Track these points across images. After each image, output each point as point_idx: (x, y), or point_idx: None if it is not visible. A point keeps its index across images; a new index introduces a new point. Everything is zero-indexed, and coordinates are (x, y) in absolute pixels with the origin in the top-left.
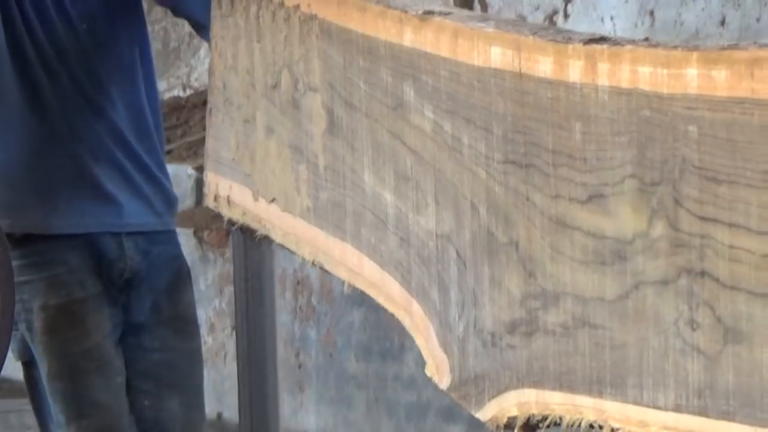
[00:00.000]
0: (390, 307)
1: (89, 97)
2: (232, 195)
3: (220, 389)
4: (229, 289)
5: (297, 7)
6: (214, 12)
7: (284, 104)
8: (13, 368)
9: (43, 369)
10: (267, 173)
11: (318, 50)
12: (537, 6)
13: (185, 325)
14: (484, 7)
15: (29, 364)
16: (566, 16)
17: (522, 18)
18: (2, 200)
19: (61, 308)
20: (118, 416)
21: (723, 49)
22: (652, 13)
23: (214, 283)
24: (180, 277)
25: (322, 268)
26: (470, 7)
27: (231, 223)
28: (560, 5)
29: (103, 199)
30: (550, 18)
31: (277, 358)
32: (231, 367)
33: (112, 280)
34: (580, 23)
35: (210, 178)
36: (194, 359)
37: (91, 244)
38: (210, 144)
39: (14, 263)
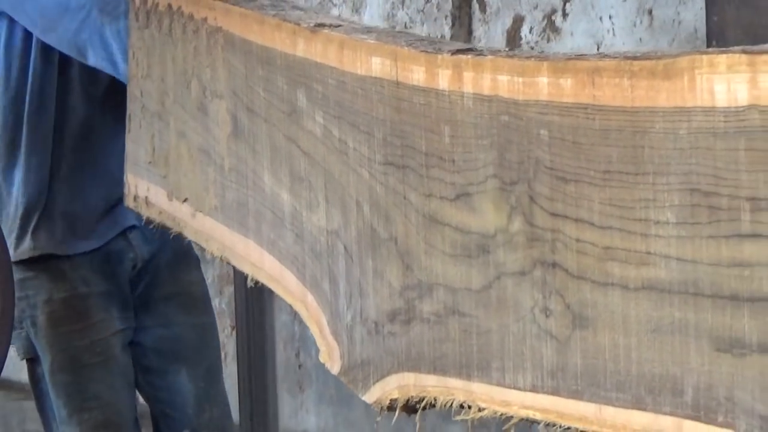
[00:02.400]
0: (288, 299)
1: (114, 119)
2: (150, 196)
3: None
4: (229, 289)
5: (205, 20)
6: (132, 24)
7: (194, 110)
8: (14, 369)
9: (46, 363)
10: (180, 175)
11: (223, 60)
12: (535, 5)
13: (191, 301)
14: (483, 7)
15: (33, 362)
16: (565, 15)
17: (520, 18)
18: (26, 226)
19: (65, 302)
20: (120, 412)
21: (569, 58)
22: (650, 12)
23: (214, 283)
24: (183, 254)
25: (229, 263)
26: (469, 8)
27: (149, 221)
28: (559, 4)
29: (115, 206)
30: (549, 17)
31: (277, 358)
32: (231, 367)
33: (125, 275)
34: (578, 22)
35: (129, 179)
36: (204, 334)
37: (104, 244)
38: (129, 148)
39: (19, 259)
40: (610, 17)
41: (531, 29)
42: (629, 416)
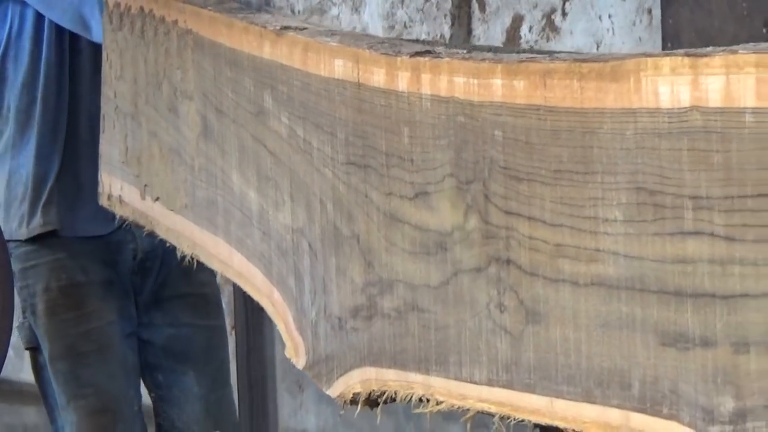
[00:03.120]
0: (255, 296)
1: None
2: (123, 194)
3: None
4: (229, 289)
5: (175, 22)
6: (105, 26)
7: (165, 111)
8: (13, 368)
9: (45, 351)
10: (152, 174)
11: (193, 62)
12: (535, 4)
13: (202, 302)
14: (482, 6)
15: (35, 350)
16: (564, 14)
17: (520, 17)
18: (37, 200)
19: (62, 291)
20: (117, 399)
21: (522, 61)
22: (650, 11)
23: None
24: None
25: (199, 260)
26: (469, 7)
27: (123, 219)
28: (558, 4)
29: None
30: (549, 16)
31: (277, 357)
32: (231, 367)
33: (125, 265)
34: (578, 21)
35: (104, 178)
36: (213, 338)
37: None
38: (103, 148)
39: (21, 249)
40: (609, 16)
41: (530, 28)
42: (579, 409)
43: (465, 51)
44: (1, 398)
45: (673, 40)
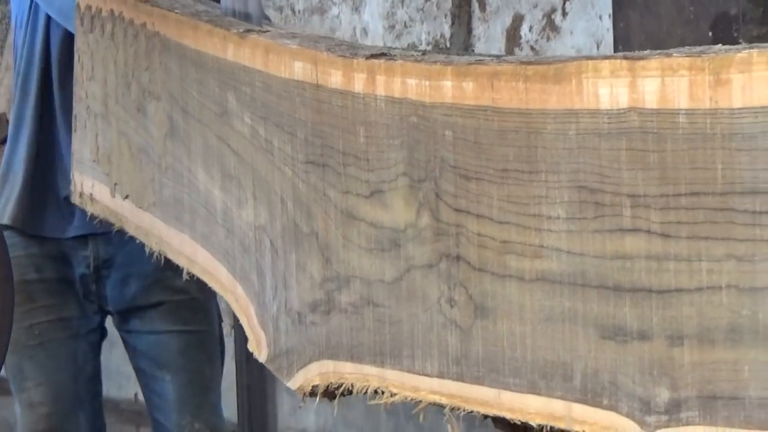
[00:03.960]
0: (220, 291)
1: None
2: (94, 192)
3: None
4: None
5: (144, 25)
6: (77, 28)
7: (134, 111)
8: None
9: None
10: (121, 173)
11: (160, 63)
12: (535, 4)
13: (179, 309)
14: (482, 6)
15: None
16: (564, 14)
17: (520, 17)
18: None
19: (15, 287)
20: (56, 395)
21: (470, 63)
22: None
23: None
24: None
25: (166, 257)
26: (469, 6)
27: (93, 217)
28: (558, 3)
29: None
30: (549, 16)
31: None
32: (230, 366)
33: (80, 270)
34: (578, 21)
35: (76, 177)
36: (191, 343)
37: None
38: (75, 147)
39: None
40: (609, 16)
41: (531, 28)
42: (525, 400)
43: (419, 54)
44: (1, 397)
45: (624, 43)
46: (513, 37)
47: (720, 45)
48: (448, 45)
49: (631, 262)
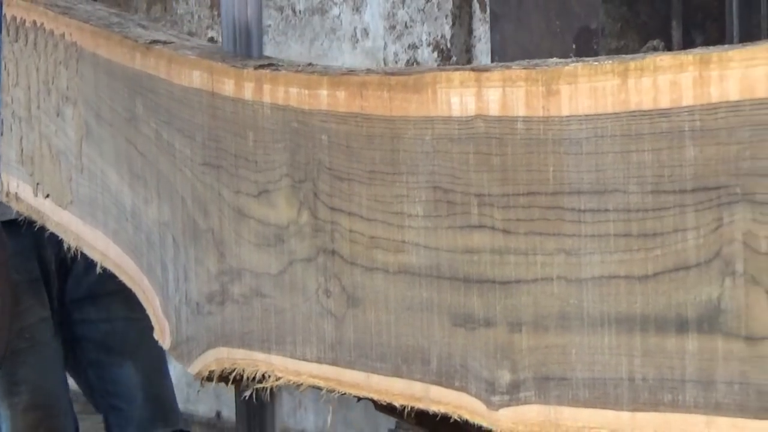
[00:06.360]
0: (129, 284)
1: None
2: (19, 192)
3: (218, 387)
4: None
5: (63, 35)
6: (4, 38)
7: (54, 116)
8: None
9: None
10: (43, 173)
11: (77, 71)
12: None
13: (135, 296)
14: (483, 7)
15: None
16: None
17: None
18: None
19: None
20: (50, 395)
21: (343, 74)
22: None
23: None
24: None
25: (83, 252)
26: (469, 7)
27: (19, 214)
28: None
29: None
30: None
31: None
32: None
33: (50, 263)
34: None
35: (3, 177)
36: (145, 331)
37: (32, 231)
38: (3, 149)
39: None
40: None
41: None
42: (390, 383)
43: (301, 65)
44: None
45: (500, 54)
46: None
47: (555, 58)
48: (448, 46)
49: (478, 256)
